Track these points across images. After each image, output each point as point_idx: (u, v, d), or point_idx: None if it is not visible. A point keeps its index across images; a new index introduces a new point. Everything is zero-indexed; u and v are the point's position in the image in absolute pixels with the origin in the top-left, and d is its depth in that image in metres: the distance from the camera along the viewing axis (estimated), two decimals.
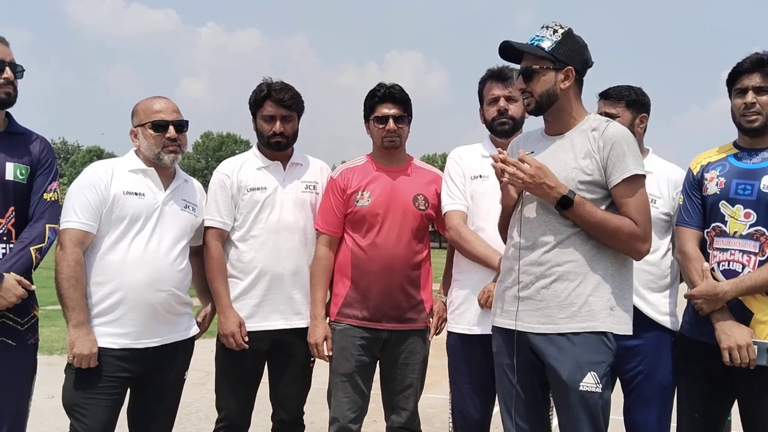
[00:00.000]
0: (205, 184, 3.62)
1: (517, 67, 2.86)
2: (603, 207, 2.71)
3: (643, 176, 2.73)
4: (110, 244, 3.11)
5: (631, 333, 2.76)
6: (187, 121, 3.30)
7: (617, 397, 2.98)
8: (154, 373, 3.19)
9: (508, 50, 2.83)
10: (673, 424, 3.25)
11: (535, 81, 2.77)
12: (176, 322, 3.26)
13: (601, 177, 2.71)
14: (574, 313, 2.68)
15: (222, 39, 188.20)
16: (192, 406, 5.74)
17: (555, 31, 2.78)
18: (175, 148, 3.23)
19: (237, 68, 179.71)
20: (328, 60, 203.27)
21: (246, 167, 3.60)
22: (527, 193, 2.77)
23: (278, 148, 3.58)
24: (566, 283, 2.70)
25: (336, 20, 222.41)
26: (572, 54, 2.78)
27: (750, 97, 2.97)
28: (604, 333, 2.70)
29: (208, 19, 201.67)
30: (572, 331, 2.68)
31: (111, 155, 64.26)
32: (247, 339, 3.44)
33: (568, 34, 2.79)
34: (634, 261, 2.81)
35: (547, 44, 2.75)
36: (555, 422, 3.42)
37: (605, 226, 2.67)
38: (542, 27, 2.81)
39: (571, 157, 2.74)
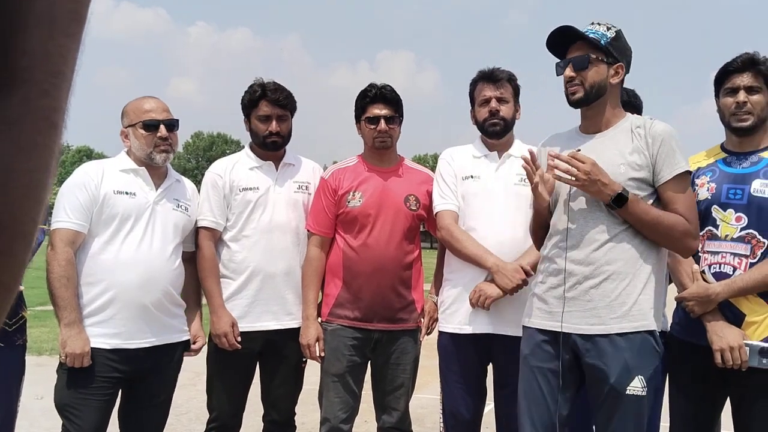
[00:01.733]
0: (196, 184, 3.62)
1: (550, 61, 2.86)
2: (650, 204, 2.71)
3: (690, 173, 2.75)
4: (102, 243, 3.10)
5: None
6: (177, 120, 3.29)
7: None
8: (146, 374, 3.18)
9: (556, 38, 2.82)
10: (664, 424, 3.26)
11: (589, 70, 2.75)
12: (169, 323, 3.24)
13: (649, 174, 2.71)
14: (625, 313, 2.66)
15: (213, 38, 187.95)
16: (182, 407, 5.70)
17: (609, 28, 2.79)
18: (167, 148, 3.23)
19: (228, 68, 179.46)
20: (320, 60, 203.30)
21: (238, 167, 3.60)
22: (573, 191, 2.75)
23: (274, 147, 3.58)
24: (616, 282, 2.67)
25: (328, 20, 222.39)
26: (624, 52, 2.82)
27: (742, 96, 2.98)
28: (652, 332, 2.70)
29: (199, 18, 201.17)
30: (623, 332, 2.65)
31: (101, 155, 64.12)
32: (239, 339, 3.44)
33: (620, 33, 2.81)
34: None
35: (602, 38, 2.76)
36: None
37: (660, 224, 2.66)
38: (593, 23, 2.81)
39: (616, 154, 2.72)
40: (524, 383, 2.86)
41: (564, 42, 2.83)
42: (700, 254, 3.02)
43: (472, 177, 3.44)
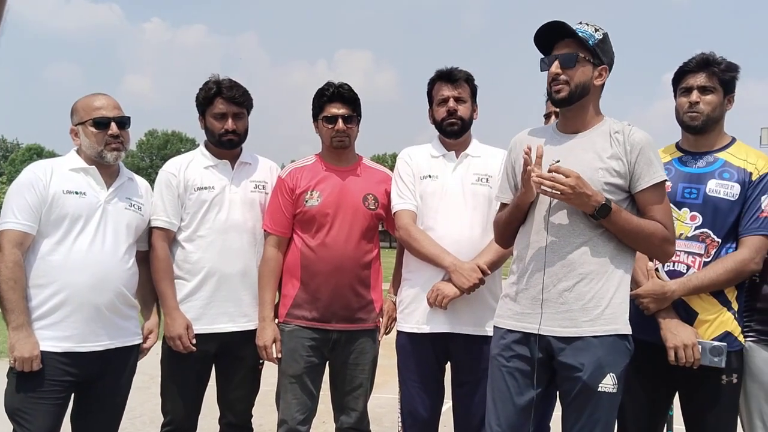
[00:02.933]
0: (150, 183, 3.54)
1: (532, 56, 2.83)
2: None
3: (666, 181, 2.78)
4: (52, 245, 3.02)
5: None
6: (129, 118, 3.23)
7: None
8: (99, 377, 3.11)
9: (544, 33, 2.79)
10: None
11: (576, 69, 2.74)
12: (122, 326, 3.18)
13: (626, 181, 2.72)
14: (598, 316, 2.67)
15: (167, 35, 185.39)
16: (136, 411, 5.61)
17: (597, 29, 2.78)
18: (118, 146, 3.16)
19: (183, 65, 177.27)
20: (277, 58, 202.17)
21: (193, 166, 3.54)
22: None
23: (231, 146, 3.53)
24: (590, 285, 2.68)
25: (285, 18, 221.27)
26: (609, 55, 2.81)
27: (694, 96, 3.03)
28: (626, 336, 2.71)
29: (153, 14, 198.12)
30: (595, 335, 2.67)
31: (51, 153, 62.73)
32: (194, 341, 3.39)
33: (607, 36, 2.80)
34: None
35: (591, 38, 2.75)
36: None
37: (641, 232, 2.68)
38: (581, 23, 2.79)
39: (594, 157, 2.72)
40: (493, 383, 2.86)
41: (550, 38, 2.80)
42: None
43: (430, 176, 3.45)
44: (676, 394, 3.14)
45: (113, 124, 3.13)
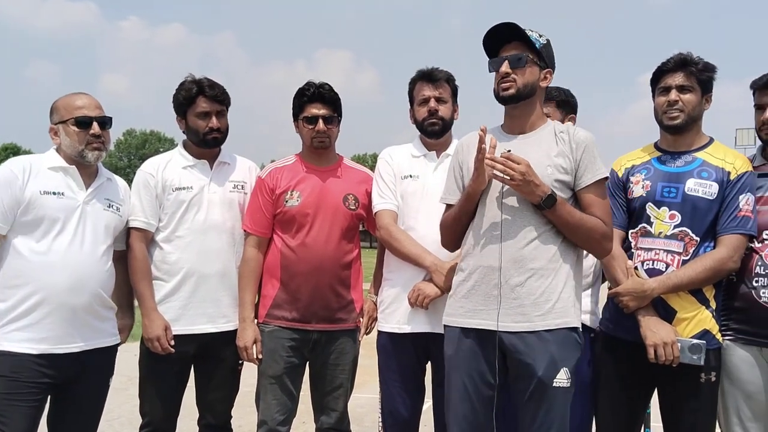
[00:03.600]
0: (128, 183, 3.51)
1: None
2: None
3: (607, 179, 2.85)
4: (29, 245, 2.98)
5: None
6: (110, 118, 3.19)
7: None
8: (76, 379, 3.07)
9: (493, 35, 2.85)
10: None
11: (524, 70, 2.80)
12: (99, 327, 3.14)
13: (572, 178, 2.79)
14: (548, 310, 2.72)
15: (145, 34, 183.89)
16: (114, 412, 5.57)
17: (541, 35, 2.85)
18: (99, 146, 3.12)
19: (161, 64, 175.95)
20: (255, 57, 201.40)
21: (171, 166, 3.52)
22: (506, 189, 2.76)
23: (215, 144, 3.52)
24: (540, 279, 2.73)
25: (263, 17, 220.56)
26: (552, 60, 2.89)
27: (673, 95, 3.06)
28: (575, 329, 2.76)
29: (131, 12, 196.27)
30: (547, 329, 2.71)
31: (28, 153, 61.82)
32: (173, 343, 3.36)
33: (550, 43, 2.89)
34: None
35: (537, 42, 2.82)
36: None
37: (582, 226, 2.74)
38: (527, 29, 2.84)
39: (542, 156, 2.77)
40: (450, 383, 2.86)
41: (498, 41, 2.87)
42: (633, 251, 3.09)
43: (411, 176, 3.45)
44: (655, 392, 3.16)
45: (95, 124, 3.09)
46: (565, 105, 3.57)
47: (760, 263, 2.98)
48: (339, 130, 3.60)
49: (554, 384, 2.69)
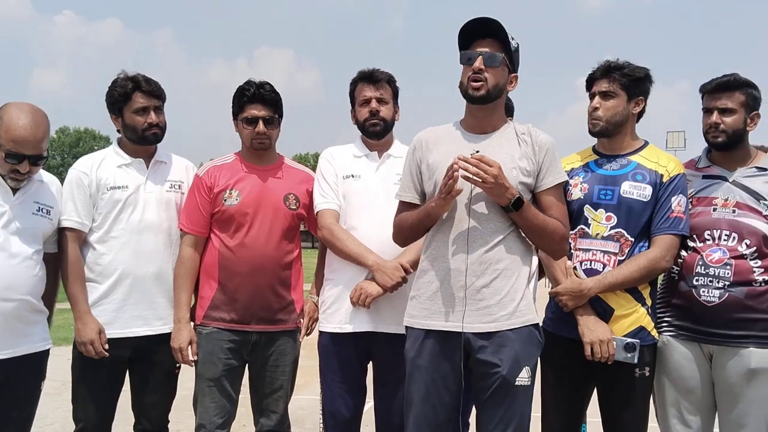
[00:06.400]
0: (61, 182, 3.41)
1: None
2: None
3: (567, 182, 2.90)
4: None
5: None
6: (45, 157, 3.06)
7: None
8: (5, 386, 2.97)
9: (476, 27, 2.80)
10: (536, 414, 3.38)
11: (497, 70, 2.78)
12: (29, 332, 3.05)
13: (533, 180, 2.81)
14: (514, 309, 2.75)
15: (81, 29, 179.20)
16: (47, 418, 5.41)
17: (512, 38, 2.82)
18: (23, 178, 3.01)
19: (97, 61, 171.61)
20: (194, 55, 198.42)
21: (106, 164, 3.43)
22: (475, 192, 2.74)
23: (156, 139, 3.46)
24: (505, 280, 2.75)
25: (202, 14, 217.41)
26: (518, 65, 2.88)
27: (595, 102, 3.15)
28: (537, 325, 2.81)
29: (65, 6, 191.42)
30: (512, 327, 2.73)
31: None
32: (107, 347, 3.28)
33: (519, 47, 2.87)
34: None
35: (511, 44, 2.81)
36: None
37: (545, 228, 2.77)
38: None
39: (507, 158, 2.77)
40: (412, 385, 2.85)
41: (471, 35, 2.82)
42: (572, 251, 3.15)
43: (352, 176, 3.45)
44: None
45: (26, 162, 2.96)
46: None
47: (701, 263, 3.07)
48: (279, 130, 3.56)
49: (517, 382, 2.72)
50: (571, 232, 3.15)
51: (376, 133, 3.46)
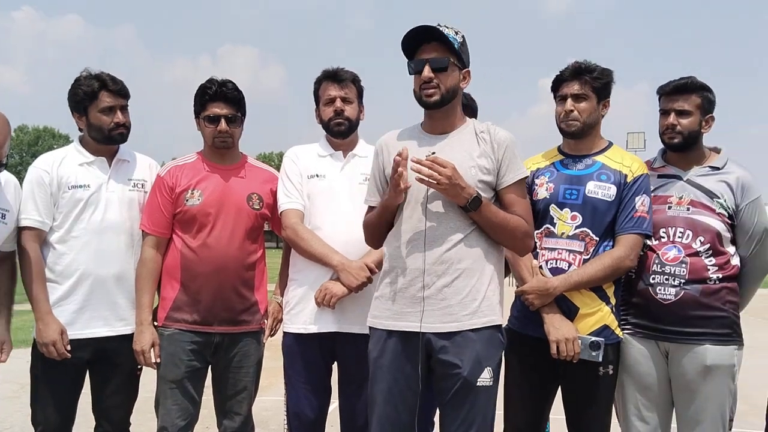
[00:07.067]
0: (20, 181, 3.34)
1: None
2: None
3: (527, 177, 2.90)
4: None
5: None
6: (5, 164, 2.99)
7: None
8: None
9: (412, 36, 2.79)
10: (499, 412, 3.41)
11: (447, 74, 2.77)
12: None
13: (494, 178, 2.80)
14: (476, 309, 2.74)
15: (40, 25, 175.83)
16: (5, 422, 5.33)
17: (457, 32, 2.80)
18: None
19: (57, 58, 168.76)
20: (157, 52, 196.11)
21: (67, 163, 3.37)
22: (431, 192, 2.74)
23: (121, 139, 3.41)
24: (467, 279, 2.74)
25: (165, 10, 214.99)
26: (468, 57, 2.87)
27: (569, 104, 3.17)
28: (499, 327, 2.80)
29: (23, 2, 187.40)
30: (474, 327, 2.73)
31: None
32: (69, 348, 3.23)
33: (465, 39, 2.84)
34: None
35: (455, 41, 2.78)
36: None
37: (506, 226, 2.76)
38: (440, 24, 2.79)
39: (465, 157, 2.77)
40: (375, 385, 2.85)
41: (416, 41, 2.82)
42: (538, 250, 3.18)
43: (317, 176, 3.43)
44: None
45: None
46: (466, 109, 3.61)
47: (657, 261, 3.13)
48: (242, 129, 3.53)
49: (478, 383, 2.72)
50: (537, 231, 3.18)
51: (340, 132, 3.46)
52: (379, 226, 2.92)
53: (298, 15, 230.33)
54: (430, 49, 2.79)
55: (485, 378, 2.74)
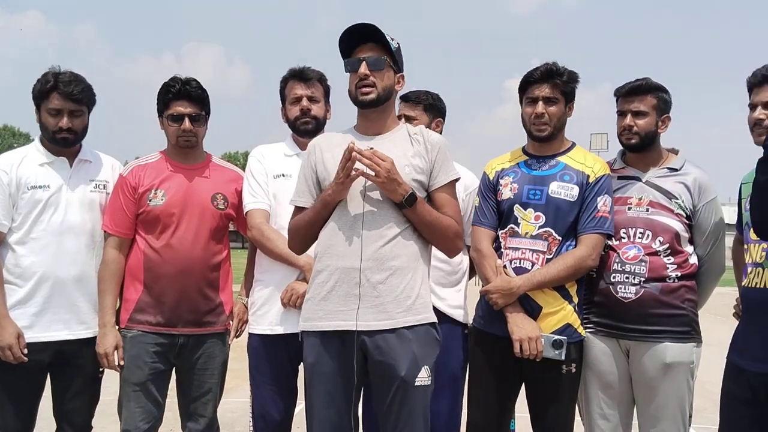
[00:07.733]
0: None
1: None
2: None
3: (458, 180, 2.92)
4: None
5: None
6: None
7: None
8: None
9: (355, 34, 2.82)
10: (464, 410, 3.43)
11: (383, 73, 2.80)
12: None
13: (427, 178, 2.82)
14: (409, 306, 2.73)
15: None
16: None
17: (392, 39, 2.84)
18: None
19: (17, 54, 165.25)
20: (119, 50, 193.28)
21: (26, 163, 3.31)
22: (368, 186, 2.74)
23: (65, 144, 3.33)
24: (401, 277, 2.73)
25: (127, 7, 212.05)
26: (402, 64, 2.90)
27: (540, 107, 3.18)
28: (434, 324, 2.80)
29: None
30: (409, 325, 2.72)
31: None
32: (26, 351, 3.17)
33: (400, 47, 2.89)
34: None
35: (391, 45, 2.82)
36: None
37: (438, 225, 2.78)
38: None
39: (400, 156, 2.78)
40: (313, 390, 2.82)
41: (352, 41, 2.85)
42: (502, 250, 3.21)
43: (283, 176, 3.41)
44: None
45: None
46: (433, 109, 3.65)
47: (617, 260, 3.18)
48: (207, 128, 3.50)
49: (416, 383, 2.72)
50: (501, 231, 3.22)
51: (307, 131, 3.44)
52: (313, 225, 2.85)
53: (264, 13, 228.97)
54: (366, 48, 2.83)
55: (423, 377, 2.73)
